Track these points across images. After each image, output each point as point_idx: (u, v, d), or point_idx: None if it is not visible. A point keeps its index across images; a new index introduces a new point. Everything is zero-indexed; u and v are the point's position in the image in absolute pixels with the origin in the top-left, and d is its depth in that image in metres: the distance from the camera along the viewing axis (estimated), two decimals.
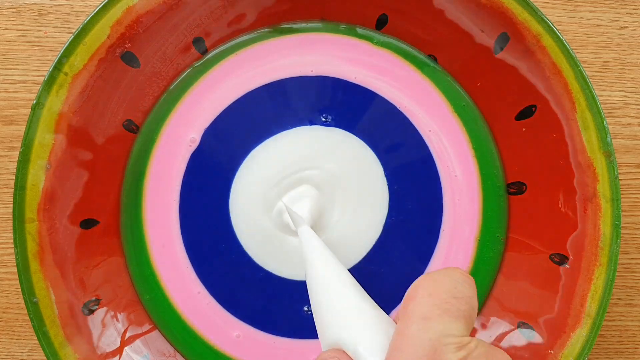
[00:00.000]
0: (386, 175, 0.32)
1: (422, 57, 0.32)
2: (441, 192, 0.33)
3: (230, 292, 0.32)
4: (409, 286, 0.22)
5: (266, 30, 0.32)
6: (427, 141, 0.33)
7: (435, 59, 0.32)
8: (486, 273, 0.32)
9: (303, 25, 0.32)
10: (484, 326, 0.32)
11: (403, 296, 0.22)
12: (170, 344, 0.32)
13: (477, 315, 0.32)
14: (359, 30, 0.32)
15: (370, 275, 0.32)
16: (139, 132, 0.32)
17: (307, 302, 0.32)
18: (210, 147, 0.32)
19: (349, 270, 0.32)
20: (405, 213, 0.32)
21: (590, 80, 0.28)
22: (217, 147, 0.32)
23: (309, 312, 0.32)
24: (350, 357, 0.21)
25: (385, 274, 0.32)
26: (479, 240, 0.32)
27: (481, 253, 0.32)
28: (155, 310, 0.32)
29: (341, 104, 0.33)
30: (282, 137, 0.33)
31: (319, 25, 0.32)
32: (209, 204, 0.32)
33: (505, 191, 0.32)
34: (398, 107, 0.32)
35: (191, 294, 0.32)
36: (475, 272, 0.32)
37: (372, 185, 0.33)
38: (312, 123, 0.33)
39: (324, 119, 0.33)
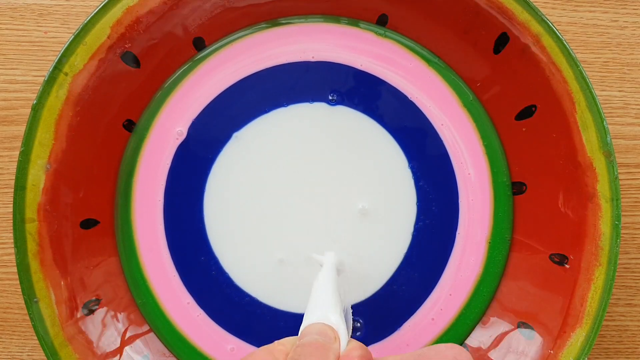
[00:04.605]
0: (411, 168, 0.31)
1: (425, 52, 0.32)
2: (457, 192, 0.31)
3: (219, 307, 0.31)
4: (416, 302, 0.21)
5: (264, 25, 0.32)
6: (441, 136, 0.31)
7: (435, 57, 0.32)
8: (494, 276, 0.31)
9: (302, 20, 0.32)
10: (484, 326, 0.32)
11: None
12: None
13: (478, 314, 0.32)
14: (362, 24, 0.32)
15: (389, 296, 0.31)
16: (134, 131, 0.31)
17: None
18: (194, 138, 0.30)
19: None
20: (431, 217, 0.31)
21: (590, 80, 0.28)
22: (201, 136, 0.30)
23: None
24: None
25: (401, 292, 0.31)
26: (489, 242, 0.32)
27: (491, 255, 0.32)
28: (148, 316, 0.31)
29: (349, 87, 0.31)
30: (272, 116, 0.30)
31: (319, 19, 0.32)
32: (186, 206, 0.30)
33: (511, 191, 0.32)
34: (409, 97, 0.31)
35: (181, 303, 0.31)
36: (484, 275, 0.31)
37: (398, 179, 0.30)
38: (314, 101, 0.30)
39: (330, 98, 0.30)
